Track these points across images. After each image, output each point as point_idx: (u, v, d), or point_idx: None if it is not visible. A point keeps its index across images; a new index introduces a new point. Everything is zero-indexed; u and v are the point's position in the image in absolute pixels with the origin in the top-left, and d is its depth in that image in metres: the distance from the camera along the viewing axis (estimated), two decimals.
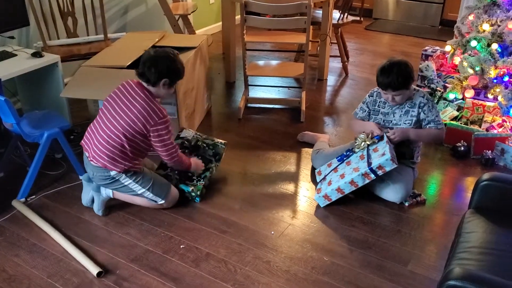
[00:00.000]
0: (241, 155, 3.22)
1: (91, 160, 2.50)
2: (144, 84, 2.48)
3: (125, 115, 2.42)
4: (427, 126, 2.72)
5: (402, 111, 2.74)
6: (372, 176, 2.58)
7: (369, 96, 2.85)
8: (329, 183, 2.71)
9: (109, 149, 2.44)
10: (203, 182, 2.76)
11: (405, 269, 2.29)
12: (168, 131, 2.49)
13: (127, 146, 2.43)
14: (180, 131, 2.99)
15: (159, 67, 2.41)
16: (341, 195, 2.67)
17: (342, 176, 2.67)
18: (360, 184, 2.62)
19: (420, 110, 2.70)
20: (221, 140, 2.99)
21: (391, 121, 2.77)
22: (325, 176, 2.81)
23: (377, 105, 2.81)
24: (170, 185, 2.65)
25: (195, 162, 2.74)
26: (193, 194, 2.71)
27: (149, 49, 2.51)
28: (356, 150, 2.75)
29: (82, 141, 2.60)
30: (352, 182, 2.62)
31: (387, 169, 2.55)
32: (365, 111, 2.87)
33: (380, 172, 2.57)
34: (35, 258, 2.33)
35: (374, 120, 2.83)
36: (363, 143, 2.72)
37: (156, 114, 2.43)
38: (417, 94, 2.72)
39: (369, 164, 2.58)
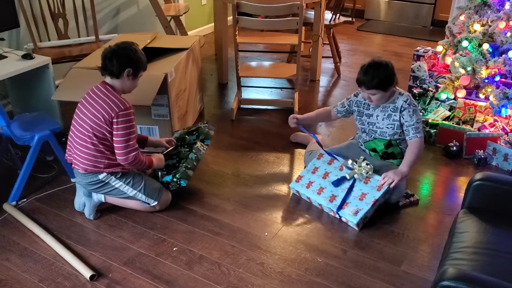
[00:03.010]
0: (234, 156, 3.21)
1: (74, 167, 2.50)
2: (108, 79, 2.44)
3: (91, 114, 2.40)
4: (407, 132, 2.65)
5: (384, 115, 2.69)
6: (337, 216, 2.58)
7: (354, 95, 2.82)
8: (308, 186, 2.72)
9: (85, 151, 2.42)
10: (185, 165, 2.66)
11: (398, 270, 2.29)
12: (131, 124, 2.40)
13: (100, 146, 2.41)
14: (172, 133, 3.00)
15: (121, 57, 2.39)
16: (307, 200, 2.72)
17: (320, 190, 2.66)
18: (325, 210, 2.63)
19: (400, 114, 2.65)
20: (203, 124, 2.96)
21: (375, 124, 2.73)
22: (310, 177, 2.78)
23: (361, 106, 2.78)
24: (162, 186, 2.63)
25: (157, 158, 2.65)
26: (175, 179, 2.61)
27: (110, 45, 2.47)
28: (355, 177, 2.64)
29: (65, 154, 2.58)
30: (320, 205, 2.65)
31: (350, 223, 2.53)
32: (344, 107, 2.84)
33: (343, 219, 2.56)
34: (27, 262, 2.31)
35: (359, 122, 2.81)
36: (359, 168, 2.62)
37: (117, 105, 2.37)
38: (400, 98, 2.65)
39: (340, 207, 2.54)
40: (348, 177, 2.64)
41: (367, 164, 2.63)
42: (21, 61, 3.09)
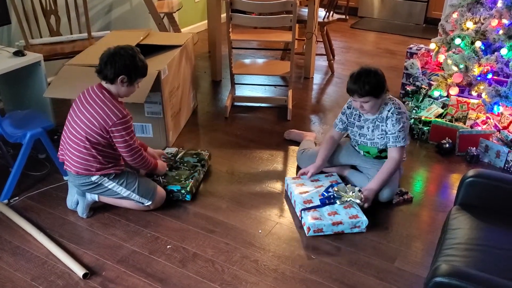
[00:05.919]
0: (228, 154, 3.21)
1: (66, 168, 2.48)
2: (104, 83, 2.40)
3: (85, 118, 2.36)
4: (388, 139, 2.63)
5: (374, 126, 2.67)
6: (300, 218, 2.56)
7: (347, 108, 2.77)
8: (298, 185, 2.73)
9: (77, 155, 2.40)
10: (192, 181, 2.74)
11: (392, 266, 2.30)
12: (129, 131, 2.41)
13: (93, 150, 2.38)
14: (163, 148, 3.05)
15: (116, 63, 2.32)
16: (289, 196, 2.76)
17: (304, 192, 2.66)
18: (296, 209, 2.62)
19: (385, 123, 2.62)
20: (204, 151, 3.06)
21: (366, 135, 2.72)
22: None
23: (352, 117, 2.75)
24: (156, 185, 2.62)
25: (161, 164, 2.72)
26: (183, 191, 2.68)
27: (111, 46, 2.41)
28: (339, 202, 2.59)
29: (58, 153, 2.56)
30: (294, 201, 2.66)
31: (304, 227, 2.50)
32: (344, 122, 2.79)
33: (302, 221, 2.53)
34: (19, 261, 2.30)
35: (350, 132, 2.79)
36: (349, 196, 2.58)
37: (114, 114, 2.34)
38: (385, 107, 2.61)
39: (307, 209, 2.52)
40: (333, 195, 2.61)
41: (353, 192, 2.58)
42: (13, 58, 3.07)
